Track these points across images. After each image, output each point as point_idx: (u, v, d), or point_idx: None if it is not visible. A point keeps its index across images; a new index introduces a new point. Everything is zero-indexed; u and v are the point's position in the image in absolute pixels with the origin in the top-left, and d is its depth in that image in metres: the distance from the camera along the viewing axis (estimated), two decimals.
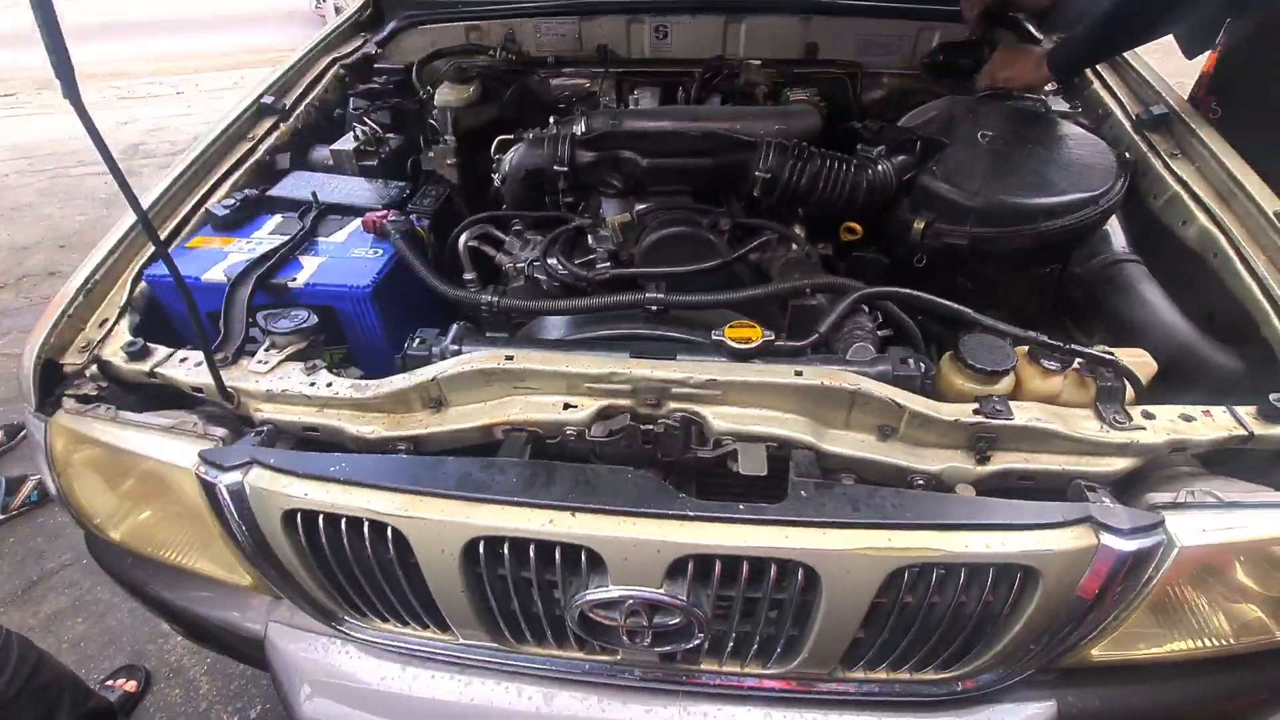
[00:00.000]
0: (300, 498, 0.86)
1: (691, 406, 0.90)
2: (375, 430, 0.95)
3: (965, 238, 1.20)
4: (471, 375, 0.92)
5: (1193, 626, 0.91)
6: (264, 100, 1.53)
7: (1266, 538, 0.83)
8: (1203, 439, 0.88)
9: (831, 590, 0.80)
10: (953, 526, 0.79)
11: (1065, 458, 0.89)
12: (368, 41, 1.85)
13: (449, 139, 1.50)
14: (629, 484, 0.82)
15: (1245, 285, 1.05)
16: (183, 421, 0.99)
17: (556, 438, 0.93)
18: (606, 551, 0.80)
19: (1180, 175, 1.23)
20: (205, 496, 0.92)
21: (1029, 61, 1.45)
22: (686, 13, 1.77)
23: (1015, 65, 1.46)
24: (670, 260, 1.18)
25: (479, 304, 1.11)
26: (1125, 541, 0.79)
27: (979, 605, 0.83)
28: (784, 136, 1.26)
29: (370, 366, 1.15)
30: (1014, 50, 1.51)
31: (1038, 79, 1.45)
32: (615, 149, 1.26)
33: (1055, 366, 0.93)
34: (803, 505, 0.80)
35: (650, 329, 1.05)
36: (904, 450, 0.90)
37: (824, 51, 1.77)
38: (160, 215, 1.26)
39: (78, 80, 0.62)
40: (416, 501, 0.83)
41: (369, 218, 1.23)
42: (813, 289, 1.04)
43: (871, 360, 0.95)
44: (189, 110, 5.45)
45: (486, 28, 1.85)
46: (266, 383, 0.98)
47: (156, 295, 1.16)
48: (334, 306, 1.13)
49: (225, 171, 1.37)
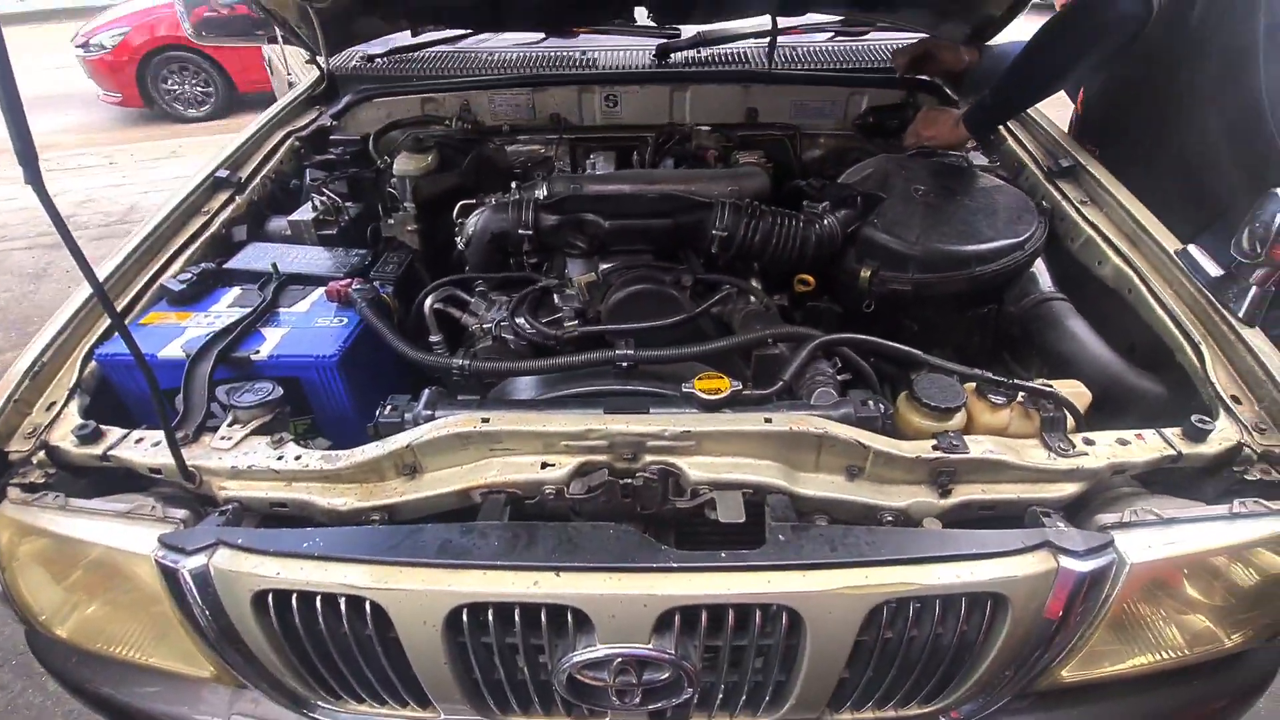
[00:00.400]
0: (272, 577, 0.83)
1: (668, 458, 0.92)
2: (348, 502, 0.94)
3: (908, 284, 1.29)
4: (448, 439, 0.92)
5: (1150, 641, 0.96)
6: (219, 174, 1.53)
7: (1204, 550, 0.89)
8: (1139, 460, 0.95)
9: (816, 631, 0.82)
10: (924, 560, 0.82)
11: (1020, 486, 0.94)
12: (323, 114, 1.88)
13: (409, 206, 1.53)
14: (611, 539, 0.83)
15: (1159, 318, 1.16)
16: (139, 505, 0.94)
17: (535, 498, 0.93)
18: (593, 610, 0.80)
19: (1092, 220, 1.36)
20: (165, 583, 0.88)
21: (948, 122, 1.60)
22: (635, 83, 1.88)
23: (936, 125, 1.61)
24: (636, 316, 1.22)
25: (450, 368, 1.12)
26: (1081, 562, 0.84)
27: (955, 635, 0.86)
28: (737, 197, 1.34)
29: (337, 436, 1.14)
30: (935, 112, 1.66)
31: (957, 137, 1.60)
32: (578, 212, 1.31)
33: (1001, 400, 1.00)
34: (782, 549, 0.82)
35: (621, 384, 1.08)
36: (872, 488, 0.94)
37: (763, 116, 1.90)
38: (112, 292, 1.23)
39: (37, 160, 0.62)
40: (396, 572, 0.82)
41: (333, 287, 1.24)
42: (774, 339, 1.10)
43: (834, 404, 1.00)
44: (123, 180, 5.32)
45: (441, 99, 1.91)
46: (231, 459, 0.96)
47: (108, 375, 1.12)
48: (299, 377, 1.12)
49: (180, 246, 1.36)
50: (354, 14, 1.77)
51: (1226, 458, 0.96)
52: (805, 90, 1.88)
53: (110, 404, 1.13)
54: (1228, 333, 1.08)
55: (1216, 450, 0.96)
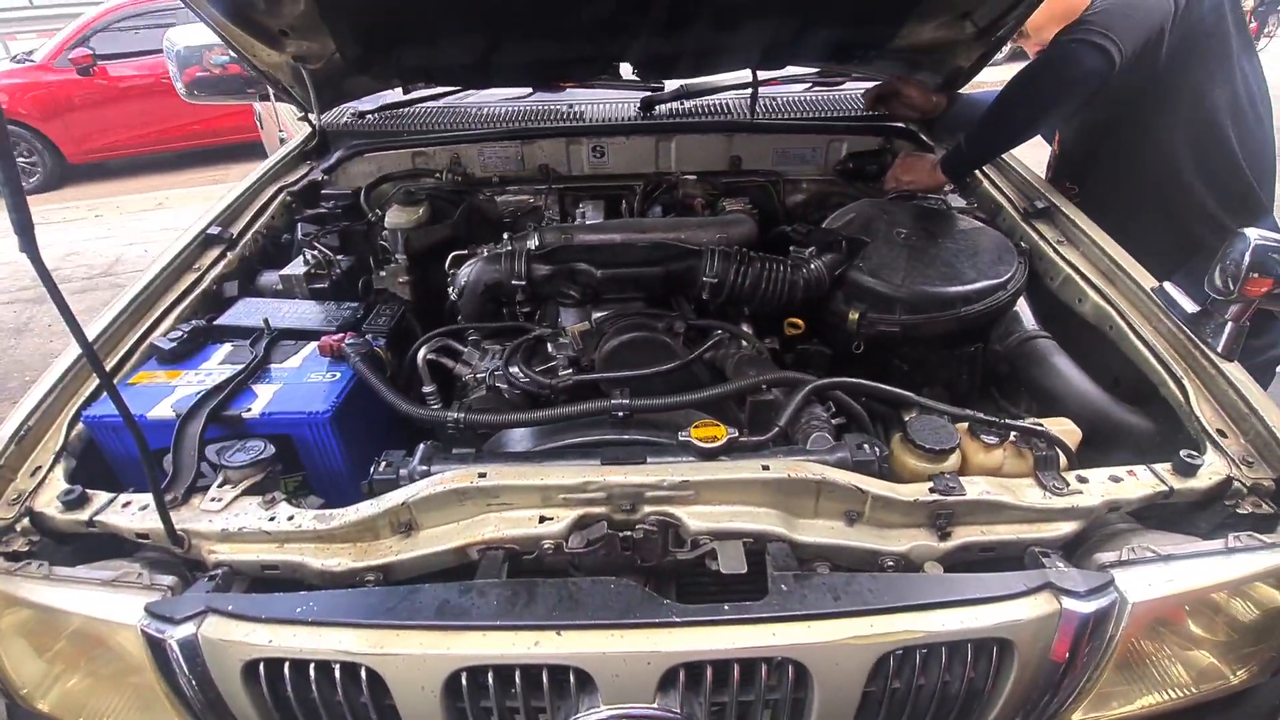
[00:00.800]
0: (264, 645, 0.80)
1: (667, 509, 0.91)
2: (342, 562, 0.92)
3: (896, 325, 1.31)
4: (444, 496, 0.91)
5: (1157, 679, 0.95)
6: (210, 231, 1.54)
7: (1204, 586, 0.89)
8: (1132, 497, 0.96)
9: (823, 684, 0.81)
10: (929, 606, 0.81)
11: (1018, 526, 0.95)
12: (314, 169, 1.91)
13: (401, 258, 1.54)
14: (613, 595, 0.82)
15: (1141, 353, 1.18)
16: (125, 573, 0.92)
17: (533, 553, 0.92)
18: (596, 669, 0.78)
19: (1069, 259, 1.40)
20: (151, 654, 0.85)
21: (926, 166, 1.66)
22: (621, 134, 1.93)
23: (915, 170, 1.67)
24: (630, 364, 1.23)
25: (445, 422, 1.12)
26: (1084, 603, 0.84)
27: (963, 682, 0.85)
28: (725, 243, 1.36)
29: (330, 493, 1.12)
30: (913, 157, 1.72)
31: (935, 181, 1.66)
32: (570, 261, 1.33)
33: (994, 440, 1.01)
34: (785, 599, 0.81)
35: (618, 434, 1.08)
36: (872, 533, 0.94)
37: (747, 163, 1.96)
38: (101, 351, 1.22)
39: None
40: (392, 636, 0.80)
41: (325, 341, 1.24)
42: (768, 384, 1.11)
43: (831, 449, 1.01)
44: (108, 233, 5.32)
45: (432, 153, 1.95)
46: (221, 521, 0.94)
47: (96, 437, 1.11)
48: (292, 434, 1.11)
49: (171, 303, 1.36)
50: (346, 74, 1.82)
51: (1217, 492, 0.98)
52: (787, 138, 1.94)
53: (98, 467, 1.11)
54: (1208, 367, 1.11)
55: (1207, 485, 0.97)
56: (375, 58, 1.71)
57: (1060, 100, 1.47)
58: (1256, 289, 1.08)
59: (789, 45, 1.70)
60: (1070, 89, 1.44)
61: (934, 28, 1.69)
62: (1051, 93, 1.46)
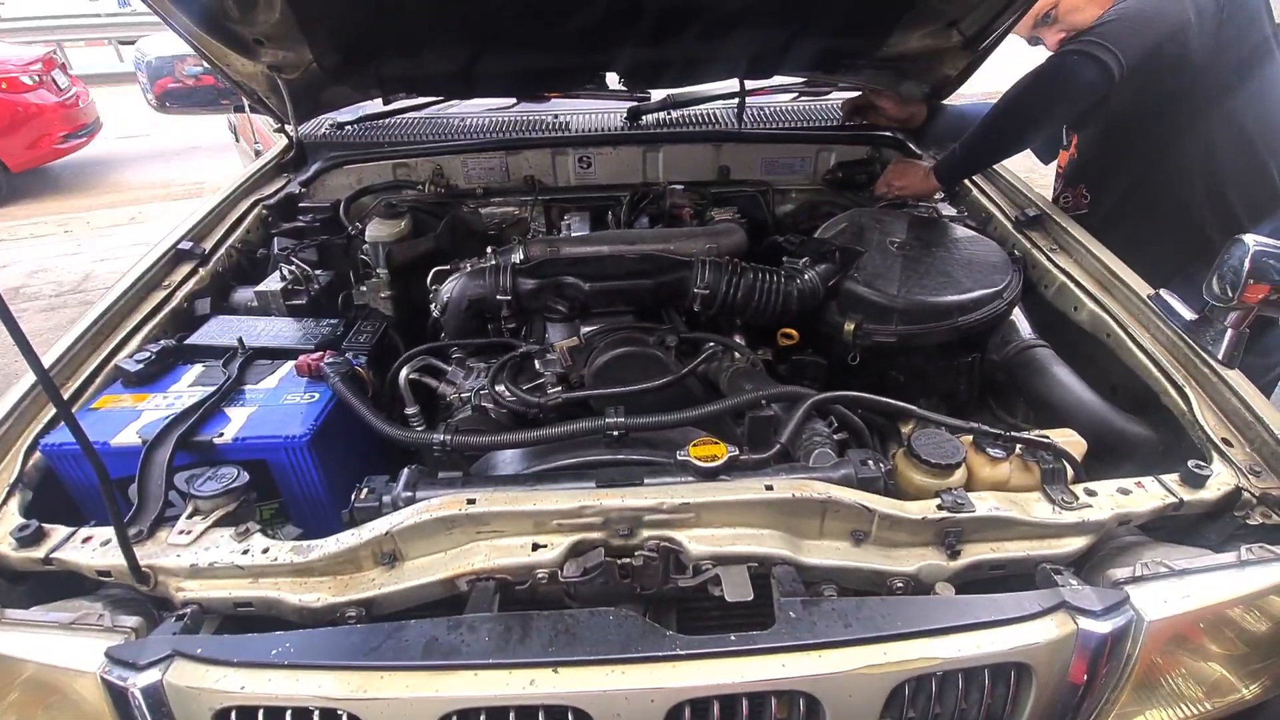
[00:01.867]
0: (236, 692, 0.74)
1: (667, 533, 0.87)
2: (321, 597, 0.86)
3: (892, 335, 1.29)
4: (430, 524, 0.86)
5: (1170, 695, 0.92)
6: (181, 246, 1.48)
7: (1219, 601, 0.87)
8: (1143, 510, 0.93)
9: (836, 716, 0.76)
10: (944, 631, 0.78)
11: (1028, 543, 0.92)
12: (291, 181, 1.85)
13: (382, 273, 1.49)
14: (612, 627, 0.77)
15: (1140, 361, 1.17)
16: (85, 614, 0.85)
17: (526, 582, 0.87)
18: (597, 709, 0.73)
19: (1063, 267, 1.39)
20: (113, 704, 0.78)
21: (918, 173, 1.65)
22: (608, 144, 1.90)
23: (907, 176, 1.66)
24: (621, 380, 1.18)
25: (430, 445, 1.06)
26: (1099, 623, 0.81)
27: (981, 710, 0.81)
28: (716, 254, 1.33)
29: (308, 521, 1.07)
30: (904, 163, 1.72)
31: (926, 188, 1.65)
32: (556, 275, 1.29)
33: (1000, 454, 0.98)
34: (794, 627, 0.77)
35: (612, 453, 1.03)
36: (879, 553, 0.90)
37: (735, 173, 1.94)
38: (61, 374, 1.16)
39: None
40: (376, 679, 0.74)
41: (303, 361, 1.18)
42: (767, 400, 1.07)
43: (834, 465, 0.97)
44: (78, 249, 5.16)
45: (414, 164, 1.90)
46: (190, 556, 0.88)
47: (54, 466, 1.04)
48: (268, 460, 1.05)
49: (138, 323, 1.29)
50: (324, 84, 1.77)
51: (1226, 503, 0.96)
52: (775, 148, 1.92)
53: (58, 498, 1.04)
54: (1210, 375, 1.10)
55: (1216, 496, 0.95)
56: (354, 67, 1.67)
57: (1055, 111, 1.47)
58: (1255, 295, 1.07)
59: (776, 54, 1.69)
60: (1066, 101, 1.44)
61: (921, 37, 1.69)
62: (1047, 103, 1.46)
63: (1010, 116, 1.49)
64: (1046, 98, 1.45)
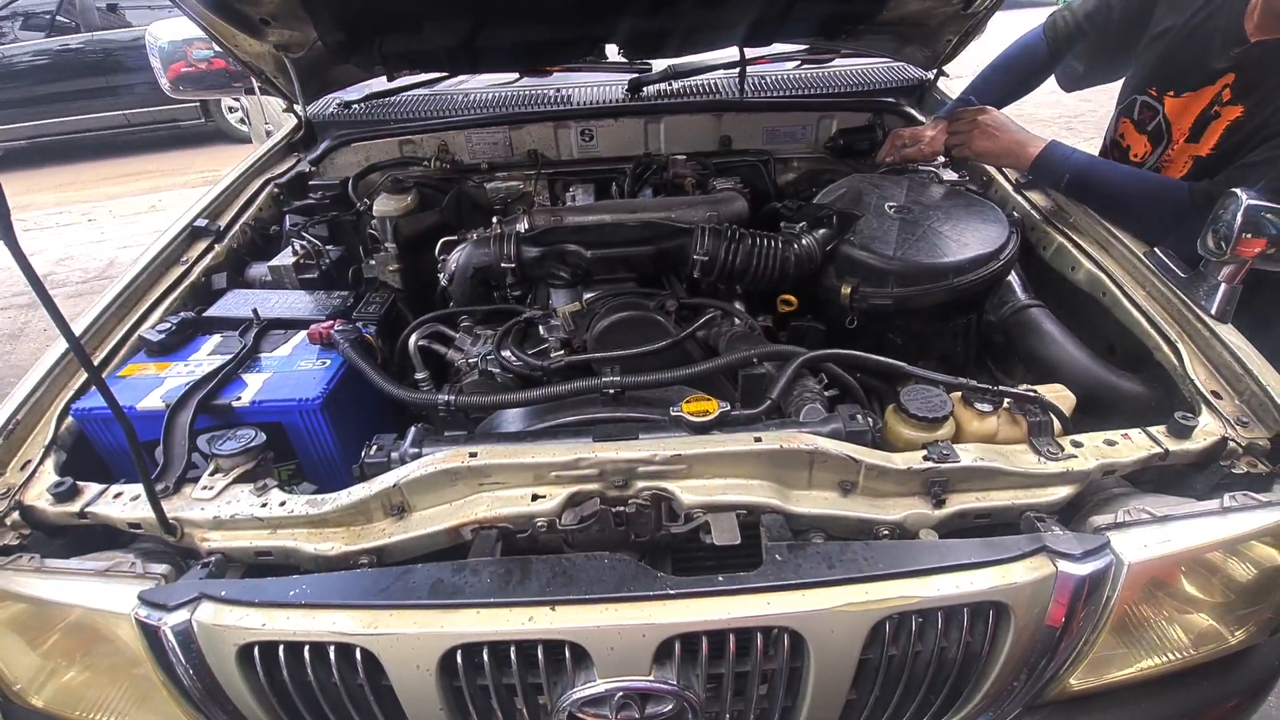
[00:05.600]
0: (258, 629, 0.80)
1: (660, 484, 0.91)
2: (335, 546, 0.92)
3: (889, 298, 1.30)
4: (435, 476, 0.91)
5: (1155, 643, 0.95)
6: (197, 224, 1.53)
7: (1199, 545, 0.89)
8: (1127, 460, 0.95)
9: (819, 652, 0.80)
10: (924, 572, 0.81)
11: (1013, 493, 0.94)
12: (301, 160, 1.89)
13: (390, 246, 1.53)
14: (607, 569, 0.81)
15: (1134, 319, 1.18)
16: (118, 563, 0.92)
17: (526, 531, 0.91)
18: (591, 643, 0.78)
19: (1061, 229, 1.39)
20: (146, 642, 0.84)
21: (1013, 140, 1.46)
22: (610, 116, 1.91)
23: (997, 139, 1.47)
24: (622, 343, 1.22)
25: (436, 405, 1.11)
26: (1079, 565, 0.83)
27: (960, 648, 0.84)
28: (717, 221, 1.35)
29: (322, 480, 1.12)
30: (994, 126, 1.49)
31: (1015, 160, 1.48)
32: (560, 243, 1.32)
33: (988, 408, 1.01)
34: (780, 568, 0.81)
35: (609, 412, 1.07)
36: (866, 503, 0.93)
37: (737, 142, 1.94)
38: (89, 345, 1.22)
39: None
40: (386, 616, 0.79)
41: (315, 329, 1.23)
42: (759, 358, 1.10)
43: (823, 420, 1.00)
44: (102, 236, 5.29)
45: (419, 140, 1.93)
46: (213, 509, 0.93)
47: (86, 430, 1.10)
48: (283, 422, 1.10)
49: (159, 296, 1.35)
50: (330, 63, 1.80)
51: (1212, 453, 0.97)
52: (776, 116, 1.92)
53: (89, 460, 1.10)
54: (1202, 330, 1.10)
55: (1202, 446, 0.97)
56: (357, 44, 1.69)
57: (1151, 233, 1.33)
58: (1249, 249, 1.07)
59: (776, 20, 1.68)
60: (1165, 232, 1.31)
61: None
62: (1149, 224, 1.34)
63: (1122, 205, 1.36)
64: (1150, 220, 1.33)
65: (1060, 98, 1.85)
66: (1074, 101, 6.28)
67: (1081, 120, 6.27)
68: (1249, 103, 1.30)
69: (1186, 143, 1.42)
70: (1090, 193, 1.42)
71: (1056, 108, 6.23)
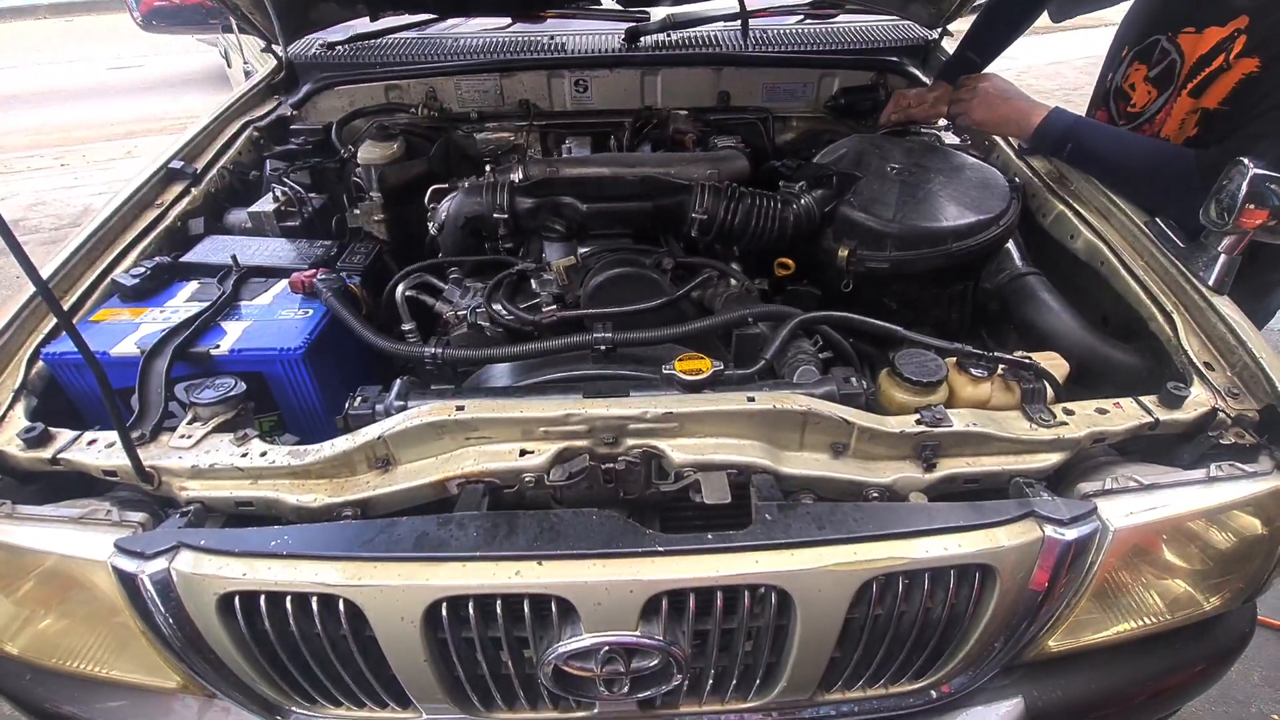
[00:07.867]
0: (239, 579, 0.79)
1: (650, 441, 0.90)
2: (318, 498, 0.90)
3: (886, 261, 1.28)
4: (421, 429, 0.89)
5: (1132, 607, 0.97)
6: (173, 165, 1.46)
7: (1183, 514, 0.90)
8: (1118, 429, 0.95)
9: (805, 611, 0.81)
10: (911, 534, 0.81)
11: (1003, 458, 0.94)
12: (282, 104, 1.81)
13: (375, 196, 1.48)
14: (595, 525, 0.81)
15: (1131, 289, 1.17)
16: (93, 510, 0.89)
17: (514, 486, 0.90)
18: (578, 598, 0.77)
19: (1063, 196, 1.37)
20: (124, 590, 0.83)
21: (1018, 109, 1.44)
22: (605, 67, 1.84)
23: (999, 110, 1.46)
24: (616, 300, 1.19)
25: (422, 358, 1.08)
26: (1066, 530, 0.84)
27: (944, 609, 0.85)
28: (717, 179, 1.31)
29: (305, 432, 1.10)
30: (998, 94, 1.48)
31: (1017, 129, 1.46)
32: (555, 195, 1.28)
33: (982, 374, 1.00)
34: (769, 528, 0.80)
35: (600, 369, 1.05)
36: (857, 465, 0.93)
37: (735, 99, 1.89)
38: (59, 289, 1.17)
39: None
40: (370, 568, 0.78)
41: (297, 278, 1.19)
42: (754, 318, 1.08)
43: (817, 381, 0.99)
44: (75, 182, 5.10)
45: (406, 86, 1.85)
46: (192, 458, 0.91)
47: (57, 375, 1.06)
48: (263, 372, 1.07)
49: (132, 240, 1.29)
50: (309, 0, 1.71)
51: (1201, 423, 0.98)
52: (777, 73, 1.87)
53: (60, 406, 1.07)
54: (1198, 301, 1.10)
55: (1192, 416, 0.97)
56: None
57: (1155, 202, 1.30)
58: (1252, 220, 1.06)
59: None
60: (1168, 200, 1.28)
61: None
62: (1153, 193, 1.31)
63: (1128, 170, 1.33)
64: (1156, 187, 1.30)
65: (1060, 69, 1.79)
66: (1074, 74, 6.18)
67: (1080, 94, 6.19)
68: (1265, 56, 1.24)
69: (1190, 95, 1.35)
70: (1094, 161, 1.39)
71: (1056, 79, 6.15)
